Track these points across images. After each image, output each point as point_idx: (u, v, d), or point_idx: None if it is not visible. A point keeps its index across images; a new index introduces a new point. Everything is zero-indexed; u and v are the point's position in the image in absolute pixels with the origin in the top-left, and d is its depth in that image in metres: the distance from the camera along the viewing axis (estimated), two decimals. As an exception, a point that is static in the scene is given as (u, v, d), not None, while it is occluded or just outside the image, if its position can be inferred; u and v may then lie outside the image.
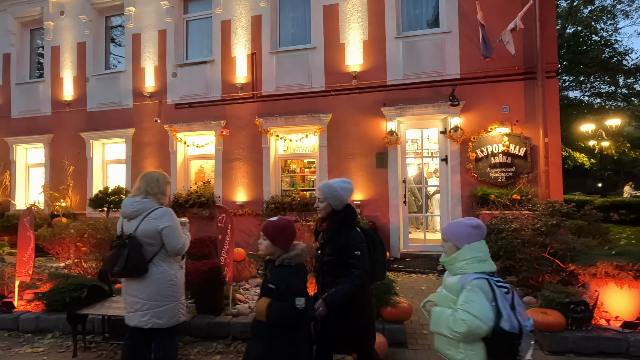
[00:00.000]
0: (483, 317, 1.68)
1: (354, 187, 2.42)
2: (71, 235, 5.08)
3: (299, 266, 2.07)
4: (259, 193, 7.58)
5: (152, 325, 2.56)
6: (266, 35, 7.70)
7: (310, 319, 2.10)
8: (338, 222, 2.30)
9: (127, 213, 2.68)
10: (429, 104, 6.70)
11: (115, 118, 8.62)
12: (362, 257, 2.19)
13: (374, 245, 2.30)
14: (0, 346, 3.83)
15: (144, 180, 2.79)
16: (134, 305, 2.60)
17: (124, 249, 2.57)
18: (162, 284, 2.61)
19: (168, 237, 2.61)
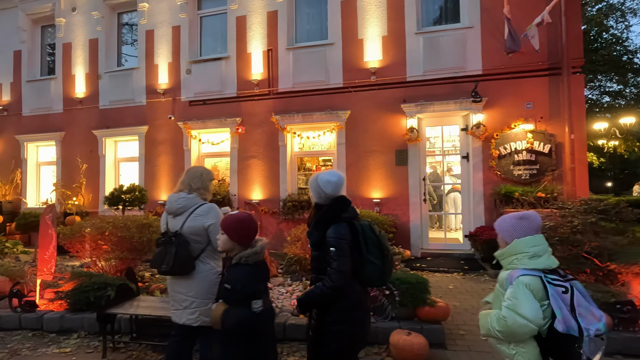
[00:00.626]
0: (527, 314, 1.56)
1: (343, 180, 2.13)
2: (92, 234, 4.98)
3: (257, 265, 1.91)
4: (275, 191, 7.48)
5: (201, 323, 2.50)
6: (283, 31, 7.59)
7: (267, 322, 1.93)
8: (318, 216, 2.08)
9: (173, 209, 2.61)
10: (450, 100, 6.59)
11: (128, 115, 8.52)
12: (337, 256, 1.92)
13: (366, 244, 1.97)
14: (26, 346, 3.74)
15: (188, 175, 2.73)
16: (182, 303, 2.55)
17: (171, 246, 2.51)
18: (210, 282, 2.55)
19: (214, 234, 2.50)
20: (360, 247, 1.97)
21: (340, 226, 1.98)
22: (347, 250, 1.93)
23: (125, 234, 5.15)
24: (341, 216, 2.02)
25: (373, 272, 1.98)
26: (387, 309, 3.67)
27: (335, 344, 1.96)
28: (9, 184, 9.22)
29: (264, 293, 1.89)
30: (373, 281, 2.05)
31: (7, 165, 9.39)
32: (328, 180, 2.08)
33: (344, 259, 1.92)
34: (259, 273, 1.92)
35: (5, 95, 9.56)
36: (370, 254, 1.97)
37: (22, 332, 4.06)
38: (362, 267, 1.96)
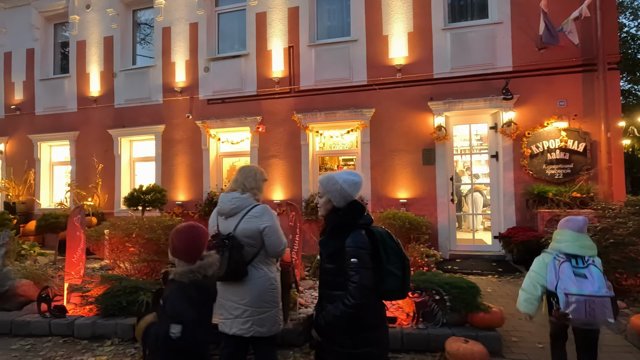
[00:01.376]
0: (533, 268, 2.57)
1: (362, 180, 1.92)
2: (119, 235, 4.82)
3: (191, 285, 1.67)
4: (297, 191, 7.31)
5: (254, 333, 2.32)
6: (304, 27, 7.42)
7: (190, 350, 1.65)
8: (334, 222, 1.86)
9: (226, 210, 2.44)
10: (479, 97, 6.42)
11: (144, 114, 8.36)
12: (359, 268, 1.71)
13: (386, 253, 1.77)
14: (59, 354, 3.57)
15: (242, 174, 2.56)
16: (233, 312, 2.37)
17: (224, 250, 2.33)
18: (264, 289, 2.37)
19: (270, 237, 2.37)
20: (380, 257, 1.76)
21: (359, 234, 1.78)
22: (368, 261, 1.73)
23: (152, 235, 5.00)
24: (358, 222, 1.82)
25: (394, 284, 1.76)
26: (438, 314, 3.51)
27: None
28: (22, 184, 9.06)
29: (190, 319, 1.62)
30: (393, 294, 1.82)
31: (20, 165, 9.23)
32: (353, 181, 1.87)
33: (367, 272, 1.71)
34: (192, 295, 1.66)
35: (18, 94, 9.40)
36: (391, 264, 1.76)
37: (53, 339, 3.90)
38: (383, 279, 1.75)
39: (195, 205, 7.72)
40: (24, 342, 3.86)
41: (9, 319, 4.07)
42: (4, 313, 4.24)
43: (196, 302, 1.67)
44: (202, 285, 1.71)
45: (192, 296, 1.66)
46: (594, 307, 2.17)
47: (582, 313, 2.19)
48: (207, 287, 1.77)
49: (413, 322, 3.56)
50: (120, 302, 4.00)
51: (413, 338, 3.40)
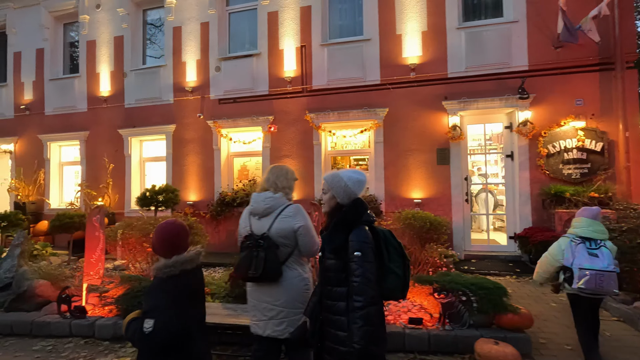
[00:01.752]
0: (551, 255, 3.06)
1: (366, 179, 1.98)
2: (136, 235, 4.80)
3: (168, 280, 1.69)
4: (310, 191, 7.28)
5: (289, 335, 2.27)
6: (316, 27, 7.39)
7: (164, 344, 1.65)
8: (339, 217, 1.87)
9: (260, 210, 2.40)
10: (495, 97, 6.37)
11: (155, 114, 8.34)
12: (362, 261, 1.69)
13: (388, 252, 1.77)
14: (82, 355, 3.55)
15: (273, 173, 2.53)
16: (267, 313, 2.33)
17: (259, 250, 2.30)
18: (298, 290, 2.34)
19: (304, 237, 2.35)
20: (382, 255, 1.75)
21: (363, 229, 1.79)
22: (372, 256, 1.72)
23: (169, 236, 4.96)
24: (362, 219, 1.83)
25: (395, 284, 1.75)
26: (465, 316, 3.47)
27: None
28: (32, 184, 9.05)
29: (164, 313, 1.61)
30: (394, 293, 1.81)
31: (29, 165, 9.22)
32: (358, 179, 1.91)
33: (370, 265, 1.70)
34: (168, 290, 1.67)
35: (28, 94, 9.38)
36: (392, 263, 1.76)
37: (73, 340, 3.87)
38: (384, 277, 1.73)
39: (207, 206, 7.69)
40: (44, 343, 3.84)
41: (28, 319, 4.04)
42: (23, 314, 4.22)
43: (174, 297, 1.67)
44: (181, 280, 1.72)
45: (169, 291, 1.67)
46: (603, 279, 2.72)
47: (592, 284, 2.74)
48: (188, 282, 1.76)
49: (439, 323, 3.52)
50: (141, 303, 3.96)
51: (440, 340, 3.36)
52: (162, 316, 1.61)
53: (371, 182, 7.06)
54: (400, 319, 3.72)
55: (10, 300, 4.41)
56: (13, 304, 4.37)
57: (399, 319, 3.73)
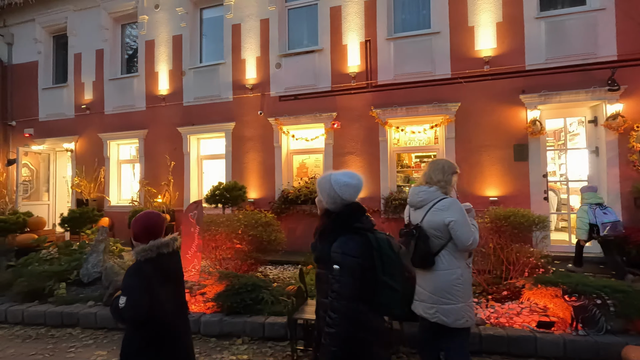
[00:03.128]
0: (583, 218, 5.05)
1: (362, 183, 1.77)
2: (226, 231, 4.77)
3: (146, 263, 1.91)
4: (375, 189, 7.12)
5: (438, 320, 2.41)
6: (382, 20, 7.22)
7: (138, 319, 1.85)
8: (323, 225, 1.73)
9: (414, 202, 2.58)
10: (580, 89, 6.03)
11: (213, 112, 8.38)
12: (342, 277, 1.53)
13: (382, 263, 1.58)
14: (195, 351, 3.51)
15: (430, 167, 2.64)
16: (419, 295, 2.49)
17: (412, 238, 2.47)
18: (448, 282, 2.41)
19: (457, 231, 2.38)
20: (375, 267, 1.57)
21: (350, 239, 1.61)
22: (354, 270, 1.55)
23: (255, 232, 4.93)
24: (353, 226, 1.64)
25: (391, 298, 1.58)
26: (601, 320, 3.23)
27: None
28: (93, 182, 9.28)
29: (136, 293, 1.82)
30: (389, 309, 1.63)
31: (89, 163, 9.46)
32: (347, 183, 1.71)
33: (348, 280, 1.54)
34: (144, 271, 1.88)
35: (88, 94, 9.63)
36: (386, 276, 1.58)
37: (180, 336, 3.85)
38: (378, 291, 1.56)
39: (269, 203, 7.65)
40: (152, 338, 3.84)
41: (133, 314, 4.06)
42: (123, 308, 4.25)
43: (150, 278, 1.86)
44: (158, 263, 1.92)
45: (145, 272, 1.87)
46: (615, 225, 4.75)
47: (612, 230, 4.72)
48: (165, 264, 1.96)
49: (571, 327, 3.30)
50: (244, 300, 3.92)
51: (578, 345, 3.14)
52: (133, 294, 1.81)
53: (441, 179, 6.82)
54: (517, 321, 3.51)
55: (109, 295, 4.46)
56: (112, 298, 4.40)
57: (522, 322, 3.53)
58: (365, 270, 1.57)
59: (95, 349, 3.62)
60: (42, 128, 10.09)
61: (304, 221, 7.39)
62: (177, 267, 2.09)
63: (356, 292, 1.54)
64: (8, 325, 4.30)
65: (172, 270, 2.02)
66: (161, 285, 1.90)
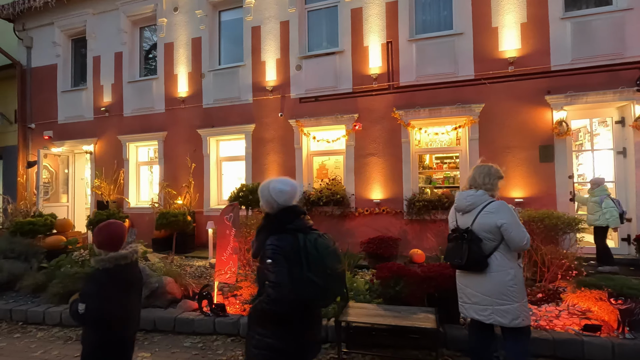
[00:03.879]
0: (608, 209, 5.31)
1: (297, 190, 1.97)
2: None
3: (101, 272, 2.01)
4: (398, 190, 7.11)
5: (493, 321, 2.48)
6: (403, 22, 7.22)
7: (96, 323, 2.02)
8: (261, 225, 1.95)
9: (462, 207, 2.65)
10: (607, 90, 5.99)
11: (233, 114, 8.42)
12: (274, 268, 1.74)
13: (307, 260, 1.76)
14: (237, 352, 3.53)
15: (476, 171, 2.76)
16: (472, 298, 2.58)
17: (463, 242, 2.54)
18: (503, 283, 2.47)
19: (511, 232, 2.46)
20: (301, 263, 1.76)
21: (280, 237, 1.82)
22: (283, 262, 1.75)
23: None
24: (286, 227, 1.85)
25: (313, 292, 1.75)
26: (648, 323, 3.21)
27: (263, 355, 1.83)
28: (112, 183, 9.35)
29: (94, 300, 1.95)
30: (314, 302, 1.84)
31: (108, 165, 9.54)
32: (281, 190, 1.92)
33: (281, 271, 1.74)
34: (102, 280, 1.99)
35: (107, 97, 9.71)
36: (310, 272, 1.75)
37: (219, 337, 3.88)
38: (302, 285, 1.74)
39: (290, 205, 7.66)
40: (192, 339, 3.87)
41: (171, 316, 4.09)
42: (159, 310, 4.28)
43: (105, 286, 1.98)
44: (116, 272, 2.02)
45: (102, 280, 1.99)
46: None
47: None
48: (122, 274, 2.05)
49: (618, 331, 3.28)
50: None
51: (626, 349, 3.11)
52: (91, 301, 1.95)
53: (464, 180, 6.81)
54: (558, 324, 3.50)
55: (145, 297, 4.49)
56: (147, 300, 4.45)
57: (564, 325, 3.51)
58: (292, 266, 1.75)
59: (138, 351, 3.65)
60: (61, 130, 10.19)
61: (325, 223, 7.40)
62: (135, 277, 2.18)
63: (287, 280, 1.73)
64: (46, 327, 4.35)
65: (129, 281, 2.11)
66: (116, 293, 2.03)
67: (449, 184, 7.25)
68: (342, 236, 7.26)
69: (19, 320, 4.50)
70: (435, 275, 3.61)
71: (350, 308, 3.52)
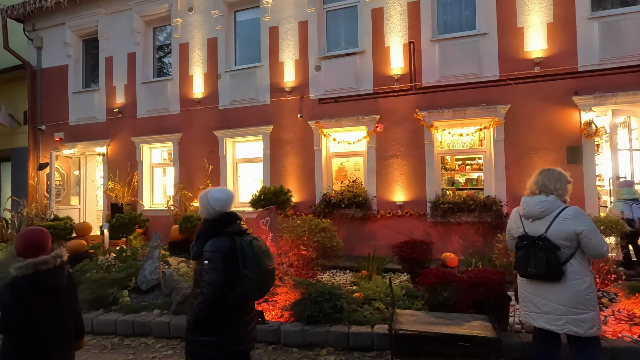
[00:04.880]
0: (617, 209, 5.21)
1: (232, 197, 2.24)
2: (292, 237, 4.69)
3: (19, 279, 2.01)
4: (421, 192, 7.03)
5: (568, 331, 2.39)
6: (426, 22, 7.14)
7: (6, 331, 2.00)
8: (201, 230, 2.18)
9: (534, 213, 2.51)
10: (637, 90, 5.93)
11: (250, 115, 8.32)
12: (209, 269, 2.00)
13: (243, 260, 2.05)
14: (285, 363, 3.44)
15: (543, 175, 2.62)
16: (542, 307, 2.47)
17: (537, 250, 2.43)
18: (580, 292, 2.37)
19: (591, 240, 2.36)
20: (238, 262, 2.04)
21: (218, 240, 2.06)
22: (220, 264, 2.00)
23: (319, 238, 4.86)
24: (223, 231, 2.10)
25: (249, 286, 2.05)
26: None
27: (203, 353, 2.04)
28: (126, 186, 9.23)
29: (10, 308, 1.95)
30: (248, 294, 2.08)
31: (121, 167, 9.42)
32: (218, 198, 2.16)
33: (216, 272, 1.99)
34: (19, 287, 1.99)
35: (120, 98, 9.59)
36: (246, 269, 2.04)
37: (260, 345, 3.77)
38: (239, 281, 2.03)
39: (310, 207, 7.58)
40: (231, 348, 3.76)
41: (208, 323, 3.98)
42: (194, 317, 4.18)
43: (23, 293, 1.97)
44: (35, 279, 2.01)
45: (19, 287, 1.98)
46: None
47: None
48: (44, 280, 2.04)
49: (676, 337, 3.20)
50: (324, 309, 3.84)
51: (689, 357, 3.04)
52: (7, 310, 1.94)
53: (490, 183, 6.76)
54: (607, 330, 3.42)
55: (177, 303, 4.39)
56: (180, 307, 4.34)
57: (614, 331, 3.44)
58: (229, 265, 2.01)
59: (177, 357, 3.55)
60: (72, 132, 10.07)
61: (346, 225, 7.31)
62: (59, 282, 2.16)
63: (221, 280, 1.99)
64: (77, 335, 4.23)
65: (51, 286, 2.10)
66: (36, 299, 2.02)
67: (472, 185, 7.18)
68: (363, 239, 7.19)
69: (48, 327, 4.38)
70: (483, 281, 3.53)
71: (400, 315, 3.43)
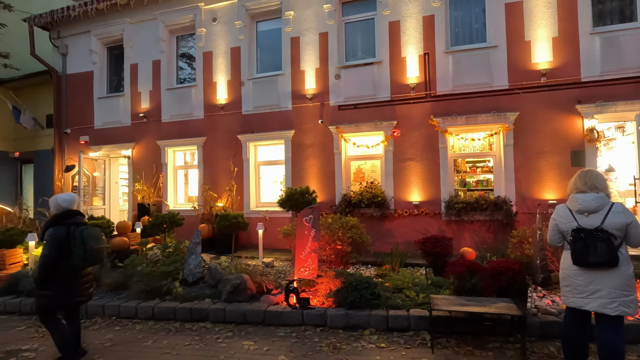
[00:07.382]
0: None
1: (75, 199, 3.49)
2: (329, 234, 5.20)
3: None
4: (436, 193, 7.57)
5: (620, 312, 2.70)
6: (440, 35, 7.70)
7: None
8: (48, 220, 3.35)
9: (591, 208, 2.86)
10: (635, 100, 6.52)
11: (272, 120, 8.83)
12: (45, 246, 3.22)
13: (74, 240, 3.26)
14: (332, 341, 3.92)
15: (589, 177, 2.97)
16: (596, 293, 2.74)
17: (597, 240, 2.75)
18: (628, 276, 2.76)
19: (637, 229, 2.76)
20: (70, 243, 3.25)
21: (55, 228, 3.26)
22: (53, 244, 3.20)
23: (352, 234, 5.36)
24: (62, 222, 3.31)
25: (77, 259, 3.27)
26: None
27: (41, 302, 3.31)
28: (152, 187, 9.70)
29: None
30: (75, 263, 3.28)
31: (146, 169, 9.89)
32: (64, 199, 3.43)
33: (49, 249, 3.20)
34: None
35: (145, 103, 10.06)
36: (76, 247, 3.26)
37: (308, 328, 4.27)
38: (70, 255, 3.25)
39: (330, 206, 8.10)
40: (283, 330, 4.26)
41: (260, 309, 4.48)
42: (244, 304, 4.67)
43: None
44: None
45: None
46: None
47: None
48: None
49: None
50: (364, 296, 4.35)
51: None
52: None
53: (500, 184, 7.32)
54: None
55: (228, 293, 4.88)
56: (231, 295, 4.84)
57: None
58: (64, 244, 3.22)
59: (239, 340, 4.04)
60: (97, 135, 10.52)
61: (365, 223, 7.71)
62: None
63: (53, 254, 3.18)
64: (139, 320, 4.72)
65: None
66: None
67: (482, 186, 7.73)
68: (382, 236, 7.71)
69: (112, 315, 4.86)
70: (505, 270, 4.05)
71: (435, 299, 3.95)
